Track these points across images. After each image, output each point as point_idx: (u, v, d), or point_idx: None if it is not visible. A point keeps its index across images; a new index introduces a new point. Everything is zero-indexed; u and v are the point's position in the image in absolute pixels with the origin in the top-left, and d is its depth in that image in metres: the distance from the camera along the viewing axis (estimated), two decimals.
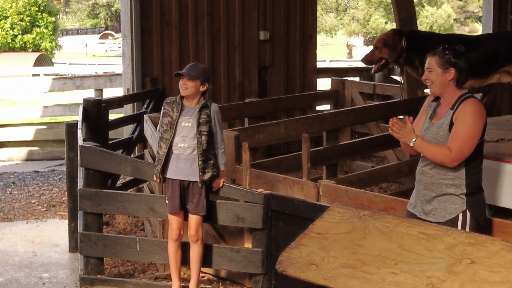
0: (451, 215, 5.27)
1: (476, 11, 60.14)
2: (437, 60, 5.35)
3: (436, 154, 5.25)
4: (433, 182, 5.35)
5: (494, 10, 15.13)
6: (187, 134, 6.33)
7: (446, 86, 5.34)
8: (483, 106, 5.30)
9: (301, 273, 4.77)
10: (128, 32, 12.16)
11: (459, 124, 5.21)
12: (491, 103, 13.25)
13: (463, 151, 5.18)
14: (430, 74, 5.38)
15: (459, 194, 5.27)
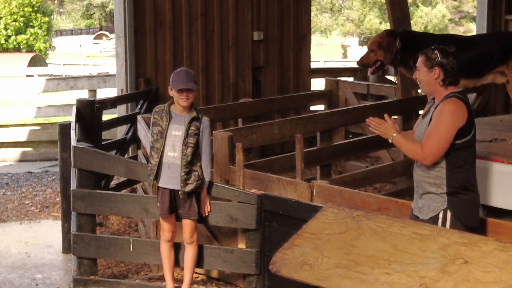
0: (433, 213, 5.36)
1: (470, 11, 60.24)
2: (424, 59, 5.43)
3: (409, 151, 5.38)
4: (419, 181, 5.46)
5: (488, 10, 15.15)
6: (177, 143, 6.33)
7: (432, 85, 5.41)
8: (462, 106, 5.30)
9: (294, 273, 4.77)
10: (121, 33, 12.15)
11: (433, 123, 5.30)
12: (485, 103, 13.27)
13: (432, 150, 5.25)
14: (418, 73, 5.48)
15: (440, 193, 5.34)
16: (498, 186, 7.22)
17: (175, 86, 6.30)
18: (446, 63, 5.35)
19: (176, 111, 6.38)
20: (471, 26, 57.83)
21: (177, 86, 6.29)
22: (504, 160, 7.25)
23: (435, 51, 5.38)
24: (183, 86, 6.27)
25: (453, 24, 61.60)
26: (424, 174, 5.40)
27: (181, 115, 6.36)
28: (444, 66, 5.34)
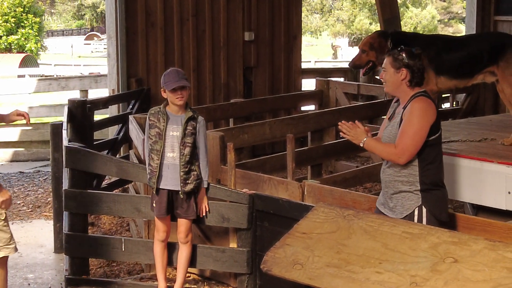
0: (408, 211, 5.44)
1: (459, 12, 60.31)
2: (391, 60, 5.51)
3: (383, 152, 5.47)
4: (390, 180, 5.53)
5: (478, 11, 15.21)
6: (175, 143, 6.34)
7: (398, 86, 5.50)
8: (431, 104, 5.42)
9: (286, 272, 4.79)
10: (113, 33, 12.16)
11: (405, 121, 5.36)
12: (474, 103, 13.31)
13: (408, 148, 5.33)
14: (384, 74, 5.55)
15: (413, 190, 5.43)
16: (488, 185, 7.26)
17: (168, 86, 6.31)
18: (413, 65, 5.46)
19: (172, 112, 6.39)
20: (460, 27, 57.90)
21: (170, 86, 6.30)
22: (493, 159, 7.29)
23: (402, 53, 5.48)
24: (176, 84, 6.28)
25: (442, 25, 61.66)
26: (395, 173, 5.48)
27: (177, 115, 6.38)
28: (411, 67, 5.45)
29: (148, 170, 6.46)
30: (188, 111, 6.41)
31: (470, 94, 13.18)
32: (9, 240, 5.84)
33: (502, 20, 15.15)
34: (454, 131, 8.65)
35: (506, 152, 7.59)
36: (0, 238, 5.80)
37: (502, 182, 7.13)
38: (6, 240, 5.81)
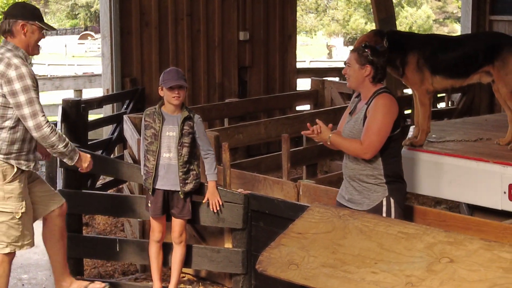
0: (375, 202, 5.58)
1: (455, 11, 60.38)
2: (356, 56, 5.65)
3: (349, 148, 5.58)
4: (354, 174, 5.64)
5: (473, 10, 15.23)
6: (172, 143, 6.31)
7: (361, 81, 5.64)
8: (394, 100, 5.59)
9: (281, 272, 4.78)
10: (107, 33, 12.14)
11: (370, 117, 5.49)
12: (470, 103, 13.32)
13: (374, 143, 5.46)
14: (348, 69, 5.67)
15: (379, 183, 5.57)
16: (484, 185, 7.25)
17: (166, 84, 6.29)
18: (377, 62, 5.61)
19: (168, 112, 6.36)
20: (456, 26, 57.97)
21: (168, 83, 6.28)
22: (489, 159, 7.28)
23: (367, 49, 5.63)
24: (174, 83, 6.26)
25: (437, 25, 61.74)
26: (359, 168, 5.60)
27: (173, 116, 6.35)
28: (375, 64, 5.61)
29: (144, 170, 6.44)
30: (184, 111, 6.39)
31: (466, 94, 13.19)
32: (17, 239, 5.78)
33: (498, 19, 15.17)
34: (449, 131, 8.66)
35: (502, 152, 7.59)
36: (9, 235, 5.75)
37: (497, 182, 7.13)
38: (15, 238, 5.77)
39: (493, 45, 7.72)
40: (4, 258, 5.81)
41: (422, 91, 7.72)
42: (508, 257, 4.23)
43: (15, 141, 5.63)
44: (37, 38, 5.79)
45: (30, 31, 5.71)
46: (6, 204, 5.67)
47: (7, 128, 5.60)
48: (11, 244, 5.79)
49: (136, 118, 8.84)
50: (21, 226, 5.78)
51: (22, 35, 5.69)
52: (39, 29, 5.76)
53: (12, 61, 5.54)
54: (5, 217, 5.70)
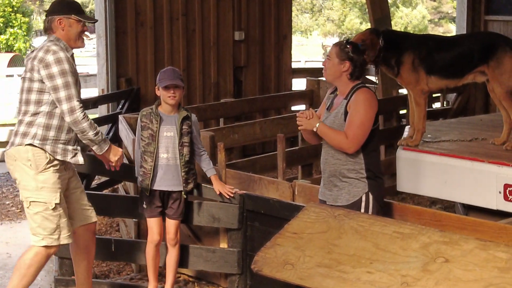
0: (355, 198, 5.64)
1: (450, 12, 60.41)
2: (337, 50, 5.71)
3: (335, 140, 5.62)
4: (335, 170, 5.70)
5: (468, 10, 15.24)
6: (170, 144, 6.31)
7: (338, 76, 5.71)
8: (374, 95, 5.70)
9: (276, 272, 4.78)
10: (102, 32, 12.12)
11: (353, 112, 5.56)
12: (465, 103, 13.33)
13: (358, 137, 5.54)
14: (327, 62, 5.75)
15: (360, 178, 5.64)
16: (479, 185, 7.26)
17: (162, 83, 6.29)
18: (356, 59, 5.68)
19: (165, 112, 6.36)
20: (451, 26, 58.01)
21: (164, 82, 6.28)
22: (484, 159, 7.29)
23: (348, 45, 5.69)
24: (169, 82, 6.27)
25: (432, 25, 61.77)
26: (341, 163, 5.67)
27: (170, 116, 6.35)
28: (355, 61, 5.67)
29: (141, 172, 6.41)
30: (182, 110, 6.39)
31: (461, 94, 13.20)
32: (53, 231, 5.77)
33: (493, 19, 15.19)
34: (444, 131, 8.66)
35: (497, 151, 7.60)
36: (44, 227, 5.73)
37: (493, 181, 7.14)
38: (51, 230, 5.75)
39: (487, 45, 7.73)
40: (41, 250, 5.77)
41: (417, 91, 7.73)
42: (504, 256, 4.23)
43: (51, 127, 5.68)
44: (76, 31, 5.89)
45: (67, 25, 5.83)
46: (40, 194, 5.67)
47: (43, 113, 5.67)
48: (47, 237, 5.75)
49: (131, 118, 8.83)
50: (56, 218, 5.75)
51: (61, 30, 5.82)
52: (77, 21, 5.87)
53: (50, 47, 5.68)
54: (39, 208, 5.69)
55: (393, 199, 8.87)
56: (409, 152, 7.81)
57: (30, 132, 5.65)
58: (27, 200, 5.69)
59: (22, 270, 5.72)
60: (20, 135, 5.66)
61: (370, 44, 7.54)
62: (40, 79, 5.63)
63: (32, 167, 5.64)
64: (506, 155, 7.41)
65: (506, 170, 7.09)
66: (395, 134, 10.07)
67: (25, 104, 5.72)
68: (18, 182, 5.74)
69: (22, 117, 5.72)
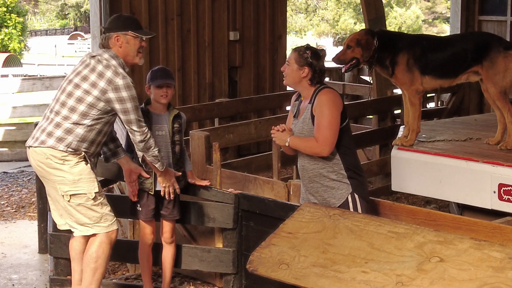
0: (340, 200, 5.64)
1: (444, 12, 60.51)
2: (296, 56, 5.70)
3: (307, 147, 5.65)
4: (315, 175, 5.70)
5: (462, 11, 15.26)
6: (162, 143, 6.30)
7: (298, 81, 5.71)
8: (336, 93, 5.70)
9: (271, 272, 4.79)
10: (97, 33, 12.11)
11: (318, 114, 5.57)
12: (459, 103, 13.35)
13: (328, 138, 5.53)
14: (286, 67, 5.73)
15: (342, 179, 5.65)
16: (473, 184, 7.27)
17: (154, 82, 6.30)
18: (316, 65, 5.67)
19: (155, 111, 6.36)
20: (445, 27, 58.09)
21: (156, 82, 6.29)
22: (479, 159, 7.31)
23: (307, 51, 5.67)
24: (161, 81, 6.28)
25: (426, 25, 61.85)
26: (319, 166, 5.67)
27: (160, 115, 6.35)
28: (314, 67, 5.66)
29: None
30: (172, 109, 6.40)
31: (455, 94, 13.23)
32: (99, 219, 5.82)
33: (487, 20, 15.22)
34: (439, 130, 8.68)
35: (491, 151, 7.61)
36: (90, 216, 5.79)
37: (487, 181, 7.15)
38: (96, 218, 5.81)
39: (481, 45, 7.75)
40: (103, 239, 5.88)
41: (412, 91, 7.74)
42: (498, 256, 4.25)
43: (86, 140, 5.74)
44: (133, 48, 5.91)
45: (124, 42, 5.86)
46: (78, 186, 5.74)
47: (85, 126, 5.72)
48: (95, 225, 5.84)
49: None
50: (99, 207, 5.84)
51: (118, 47, 5.86)
52: (134, 37, 5.89)
53: (118, 70, 5.73)
54: (81, 199, 5.76)
55: (387, 198, 8.91)
56: (403, 151, 7.82)
57: (66, 139, 5.69)
58: (67, 194, 5.74)
59: (92, 264, 5.85)
60: (55, 139, 5.69)
61: (365, 44, 7.55)
62: (98, 97, 5.69)
63: (65, 164, 5.70)
64: (501, 155, 7.43)
65: (500, 169, 7.11)
66: (390, 134, 10.10)
67: (69, 110, 5.72)
68: (54, 179, 5.76)
69: (61, 121, 5.72)
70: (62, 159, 5.68)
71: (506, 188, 7.04)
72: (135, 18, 6.17)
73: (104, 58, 5.77)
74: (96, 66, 5.75)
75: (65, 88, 5.79)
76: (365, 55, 7.52)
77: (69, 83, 5.80)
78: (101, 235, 5.84)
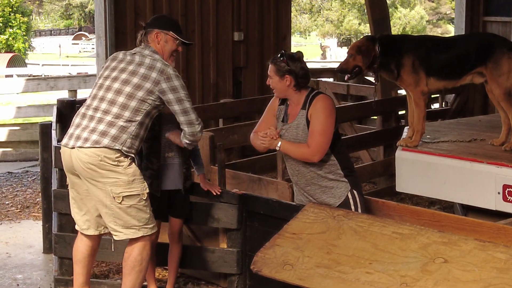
0: (341, 199, 5.67)
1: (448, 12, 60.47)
2: (274, 68, 5.70)
3: (297, 153, 5.65)
4: (312, 177, 5.71)
5: (467, 11, 15.25)
6: (172, 142, 6.30)
7: (285, 91, 5.71)
8: (331, 100, 5.74)
9: (276, 273, 4.80)
10: (102, 33, 12.13)
11: (314, 121, 5.58)
12: (464, 104, 13.34)
13: (321, 144, 5.55)
14: (271, 81, 5.73)
15: (339, 178, 5.69)
16: (478, 185, 7.27)
17: None
18: (295, 69, 5.65)
19: (167, 111, 6.36)
20: (449, 27, 58.07)
21: None
22: (483, 160, 7.30)
23: (282, 59, 5.65)
24: None
25: (431, 26, 61.84)
26: (315, 169, 5.68)
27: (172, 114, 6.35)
28: (294, 72, 5.65)
29: (148, 173, 6.38)
30: None
31: (460, 95, 13.21)
32: (147, 221, 5.83)
33: (491, 20, 15.21)
34: (443, 131, 8.67)
35: (496, 152, 7.61)
36: (139, 218, 5.78)
37: (491, 182, 7.15)
38: (145, 220, 5.81)
39: (486, 46, 7.75)
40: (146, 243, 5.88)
41: (417, 93, 7.74)
42: (502, 257, 4.25)
43: (138, 137, 5.77)
44: (170, 49, 5.97)
45: (163, 40, 5.92)
46: (132, 187, 5.72)
47: (137, 122, 5.74)
48: (142, 227, 5.82)
49: None
50: (148, 207, 5.85)
51: (156, 43, 5.91)
52: (173, 39, 5.95)
53: (166, 61, 5.85)
54: (133, 200, 5.74)
55: (391, 199, 8.90)
56: (408, 152, 7.82)
57: (121, 138, 5.66)
58: (119, 196, 5.69)
59: (137, 267, 5.85)
60: (111, 138, 5.64)
61: (365, 50, 7.58)
62: (151, 90, 5.71)
63: (120, 165, 5.66)
64: (505, 156, 7.42)
65: (505, 170, 7.11)
66: (394, 135, 10.09)
67: (120, 108, 5.68)
68: (106, 181, 5.68)
69: (114, 119, 5.67)
70: (117, 160, 5.63)
71: (511, 189, 7.04)
72: (178, 23, 6.21)
73: (147, 54, 5.83)
74: (144, 60, 5.78)
75: (110, 85, 5.76)
76: (365, 61, 7.54)
77: (114, 80, 5.77)
78: (145, 238, 5.84)
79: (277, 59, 5.69)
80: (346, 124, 11.86)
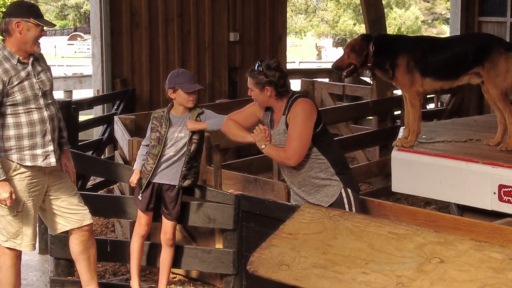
0: (334, 197, 5.65)
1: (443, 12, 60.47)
2: (253, 81, 5.72)
3: (276, 157, 5.72)
4: (305, 178, 5.71)
5: (462, 11, 15.27)
6: (180, 143, 6.31)
7: (268, 101, 5.74)
8: (311, 103, 5.71)
9: (272, 273, 4.79)
10: (97, 33, 12.13)
11: (290, 125, 5.58)
12: (459, 104, 13.36)
13: (295, 149, 5.54)
14: (252, 94, 5.76)
15: (331, 176, 5.66)
16: (473, 186, 7.28)
17: (186, 88, 6.27)
18: (273, 78, 5.65)
19: (177, 114, 6.35)
20: (444, 28, 58.07)
21: (188, 88, 6.28)
22: (479, 160, 7.31)
23: (261, 72, 5.67)
24: (194, 88, 6.32)
25: (426, 26, 61.83)
26: (306, 169, 5.68)
27: (182, 117, 6.35)
28: (273, 82, 5.64)
29: (142, 169, 6.41)
30: (195, 108, 6.41)
31: (455, 95, 13.23)
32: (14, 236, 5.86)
33: (486, 21, 15.23)
34: (439, 131, 8.69)
35: (492, 152, 7.62)
36: (7, 230, 5.83)
37: (487, 182, 7.16)
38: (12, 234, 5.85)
39: (482, 46, 7.76)
40: (5, 250, 5.90)
41: (413, 93, 7.75)
42: (498, 257, 4.26)
43: (10, 138, 5.70)
44: (33, 35, 5.80)
45: (25, 29, 5.75)
46: None
47: None
48: (10, 240, 5.86)
49: (126, 119, 8.83)
50: (18, 225, 5.83)
51: (18, 33, 5.74)
52: (35, 25, 5.79)
53: (33, 48, 5.75)
54: (4, 212, 5.78)
55: (387, 199, 8.92)
56: (404, 153, 7.83)
57: None
58: None
59: None
60: None
61: (358, 49, 7.60)
62: None
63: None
64: (501, 156, 7.44)
65: (500, 171, 7.12)
66: (390, 135, 10.10)
67: None
68: None
69: None
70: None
71: (506, 189, 7.05)
72: (37, 7, 5.98)
73: None
74: None
75: None
76: (358, 60, 7.57)
77: None
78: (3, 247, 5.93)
79: (255, 72, 5.70)
80: (342, 125, 11.86)
